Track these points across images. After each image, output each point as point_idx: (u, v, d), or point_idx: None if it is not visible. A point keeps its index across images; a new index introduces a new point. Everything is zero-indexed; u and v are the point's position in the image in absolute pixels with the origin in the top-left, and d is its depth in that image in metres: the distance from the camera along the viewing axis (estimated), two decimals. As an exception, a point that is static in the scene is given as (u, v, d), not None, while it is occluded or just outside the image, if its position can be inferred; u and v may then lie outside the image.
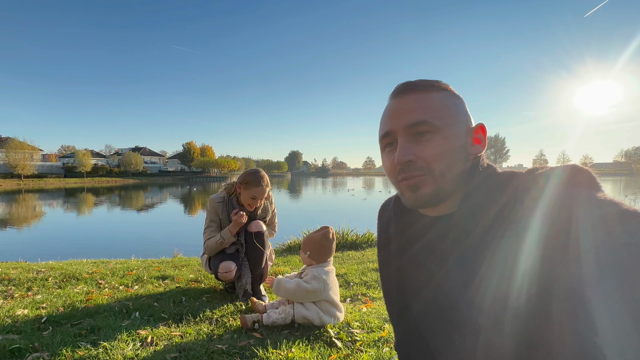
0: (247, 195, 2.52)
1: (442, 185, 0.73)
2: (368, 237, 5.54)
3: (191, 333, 1.93)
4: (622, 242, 0.53)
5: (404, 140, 0.74)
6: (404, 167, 0.74)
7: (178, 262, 3.98)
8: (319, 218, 13.32)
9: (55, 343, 1.75)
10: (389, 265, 0.91)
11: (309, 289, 2.00)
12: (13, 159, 57.66)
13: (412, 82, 0.78)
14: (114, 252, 5.55)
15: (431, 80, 0.78)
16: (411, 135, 0.74)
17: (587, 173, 0.64)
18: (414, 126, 0.73)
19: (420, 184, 0.74)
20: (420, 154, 0.73)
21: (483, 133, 0.78)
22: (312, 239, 2.12)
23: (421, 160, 0.73)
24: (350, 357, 1.70)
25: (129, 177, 72.48)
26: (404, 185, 0.76)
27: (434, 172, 0.73)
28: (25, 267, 3.64)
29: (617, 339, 0.51)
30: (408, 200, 0.77)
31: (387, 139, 0.79)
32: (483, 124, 0.78)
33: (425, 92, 0.76)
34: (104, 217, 18.74)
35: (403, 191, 0.77)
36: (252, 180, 2.50)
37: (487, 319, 0.66)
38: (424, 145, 0.73)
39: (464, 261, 0.72)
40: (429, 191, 0.74)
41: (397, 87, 0.79)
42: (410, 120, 0.74)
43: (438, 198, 0.75)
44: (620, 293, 0.51)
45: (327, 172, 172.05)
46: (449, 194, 0.75)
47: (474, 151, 0.77)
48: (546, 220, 0.60)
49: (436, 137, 0.73)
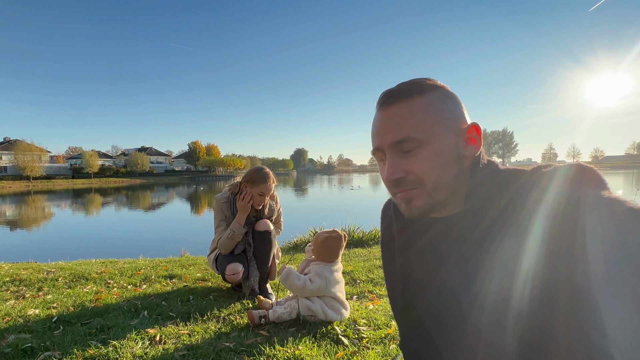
0: (254, 193, 2.54)
1: (435, 197, 0.73)
2: (374, 234, 5.53)
3: (199, 331, 1.95)
4: (631, 239, 0.51)
5: (392, 157, 0.74)
6: (394, 183, 0.74)
7: (185, 261, 4.01)
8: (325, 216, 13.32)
9: (66, 342, 1.78)
10: (393, 262, 0.91)
11: (313, 289, 2.04)
12: (22, 161, 58.49)
13: (394, 90, 0.75)
14: (122, 252, 5.61)
15: (415, 83, 0.75)
16: (398, 151, 0.73)
17: (592, 171, 0.63)
18: (399, 144, 0.72)
19: (413, 197, 0.73)
20: (409, 169, 0.73)
21: (477, 132, 0.75)
22: (320, 240, 2.16)
23: (411, 174, 0.73)
24: (357, 354, 1.70)
25: (135, 177, 73.10)
26: (399, 198, 0.76)
27: (426, 186, 0.72)
28: (36, 268, 3.69)
29: (625, 339, 0.50)
30: (404, 212, 0.77)
31: (378, 154, 0.78)
32: (476, 123, 0.76)
33: (407, 101, 0.73)
34: (112, 217, 18.93)
35: (399, 203, 0.77)
36: (258, 177, 2.53)
37: (489, 319, 0.65)
38: (412, 160, 0.72)
39: (466, 260, 0.71)
40: (421, 204, 0.73)
41: (381, 97, 0.77)
42: (394, 138, 0.73)
43: (432, 209, 0.74)
44: (629, 292, 0.50)
45: (332, 170, 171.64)
46: (444, 204, 0.75)
47: (468, 153, 0.74)
48: (550, 219, 0.59)
49: (423, 150, 0.71)
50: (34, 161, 59.75)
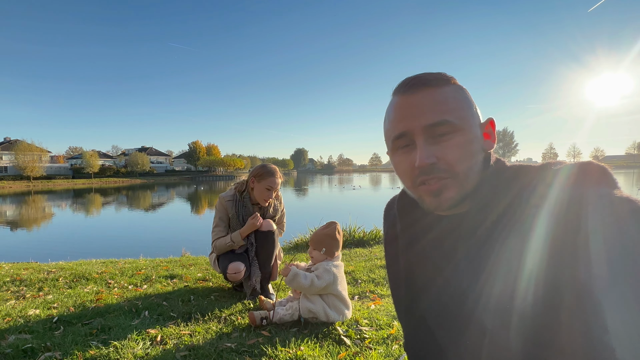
0: (261, 188, 2.56)
1: (466, 187, 0.69)
2: (375, 234, 5.53)
3: (200, 332, 1.94)
4: (635, 239, 0.51)
5: (424, 142, 0.69)
6: (425, 170, 0.69)
7: (186, 261, 4.00)
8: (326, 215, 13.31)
9: (67, 342, 1.77)
10: (397, 262, 0.90)
11: (321, 285, 2.03)
12: (22, 161, 58.61)
13: (423, 76, 0.72)
14: (123, 252, 5.62)
15: (439, 74, 0.74)
16: (431, 136, 0.69)
17: (600, 169, 0.62)
18: (435, 127, 0.68)
19: (444, 187, 0.69)
20: (442, 155, 0.68)
21: (492, 128, 0.75)
22: (327, 234, 2.17)
23: (443, 162, 0.68)
24: (359, 354, 1.69)
25: (136, 177, 73.20)
26: (424, 190, 0.71)
27: (458, 175, 0.68)
28: (36, 268, 3.69)
29: (630, 338, 0.50)
30: (430, 205, 0.72)
31: (402, 141, 0.72)
32: (492, 118, 0.76)
33: (439, 87, 0.70)
34: (112, 217, 18.94)
35: (423, 196, 0.72)
36: (265, 171, 2.57)
37: (493, 318, 0.65)
38: (444, 146, 0.68)
39: (471, 259, 0.70)
40: (453, 195, 0.69)
41: (405, 82, 0.73)
42: (430, 120, 0.68)
43: (462, 201, 0.70)
44: (633, 291, 0.50)
45: (333, 169, 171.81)
46: (470, 195, 0.71)
47: (486, 147, 0.73)
48: (554, 218, 0.59)
49: (457, 136, 0.68)
50: (34, 161, 59.86)
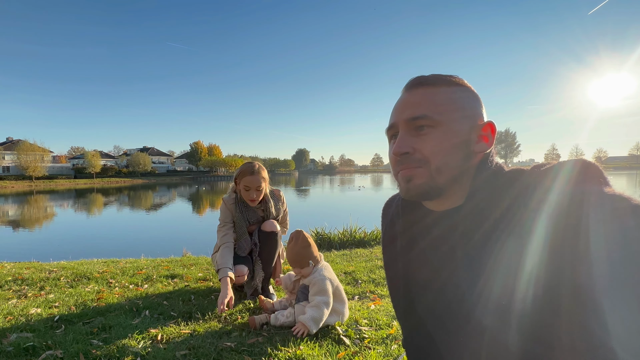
0: (241, 188, 2.51)
1: (436, 179, 0.74)
2: (376, 234, 5.53)
3: (200, 331, 1.94)
4: (635, 236, 0.51)
5: (404, 133, 0.76)
6: (401, 159, 0.76)
7: (187, 261, 4.01)
8: (327, 215, 13.31)
9: (68, 341, 1.78)
10: (396, 263, 0.91)
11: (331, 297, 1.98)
12: (24, 161, 58.75)
13: (423, 77, 0.79)
14: (124, 252, 5.62)
15: (445, 75, 0.78)
16: (411, 128, 0.75)
17: (596, 168, 0.63)
18: (414, 120, 0.75)
19: (414, 175, 0.75)
20: (418, 147, 0.74)
21: (492, 131, 0.76)
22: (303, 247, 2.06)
23: (418, 153, 0.74)
24: (359, 354, 1.70)
25: (137, 177, 73.27)
26: (400, 176, 0.78)
27: (430, 166, 0.74)
28: (38, 267, 3.70)
29: (630, 337, 0.50)
30: (402, 191, 0.79)
31: (391, 131, 0.80)
32: (492, 122, 0.77)
33: (433, 87, 0.76)
34: (114, 217, 18.97)
35: (399, 182, 0.79)
36: (241, 171, 2.51)
37: (493, 318, 0.65)
38: (422, 139, 0.74)
39: (470, 259, 0.71)
40: (421, 182, 0.74)
41: (409, 81, 0.80)
42: (411, 114, 0.75)
43: (431, 191, 0.75)
44: (633, 291, 0.50)
45: (334, 170, 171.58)
46: (444, 189, 0.75)
47: (479, 149, 0.75)
48: (553, 217, 0.59)
49: (436, 131, 0.74)
50: (36, 161, 59.98)
